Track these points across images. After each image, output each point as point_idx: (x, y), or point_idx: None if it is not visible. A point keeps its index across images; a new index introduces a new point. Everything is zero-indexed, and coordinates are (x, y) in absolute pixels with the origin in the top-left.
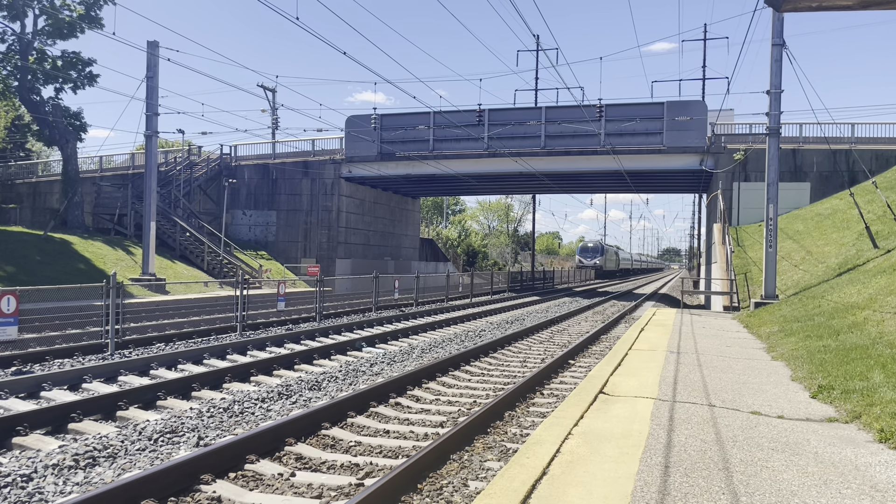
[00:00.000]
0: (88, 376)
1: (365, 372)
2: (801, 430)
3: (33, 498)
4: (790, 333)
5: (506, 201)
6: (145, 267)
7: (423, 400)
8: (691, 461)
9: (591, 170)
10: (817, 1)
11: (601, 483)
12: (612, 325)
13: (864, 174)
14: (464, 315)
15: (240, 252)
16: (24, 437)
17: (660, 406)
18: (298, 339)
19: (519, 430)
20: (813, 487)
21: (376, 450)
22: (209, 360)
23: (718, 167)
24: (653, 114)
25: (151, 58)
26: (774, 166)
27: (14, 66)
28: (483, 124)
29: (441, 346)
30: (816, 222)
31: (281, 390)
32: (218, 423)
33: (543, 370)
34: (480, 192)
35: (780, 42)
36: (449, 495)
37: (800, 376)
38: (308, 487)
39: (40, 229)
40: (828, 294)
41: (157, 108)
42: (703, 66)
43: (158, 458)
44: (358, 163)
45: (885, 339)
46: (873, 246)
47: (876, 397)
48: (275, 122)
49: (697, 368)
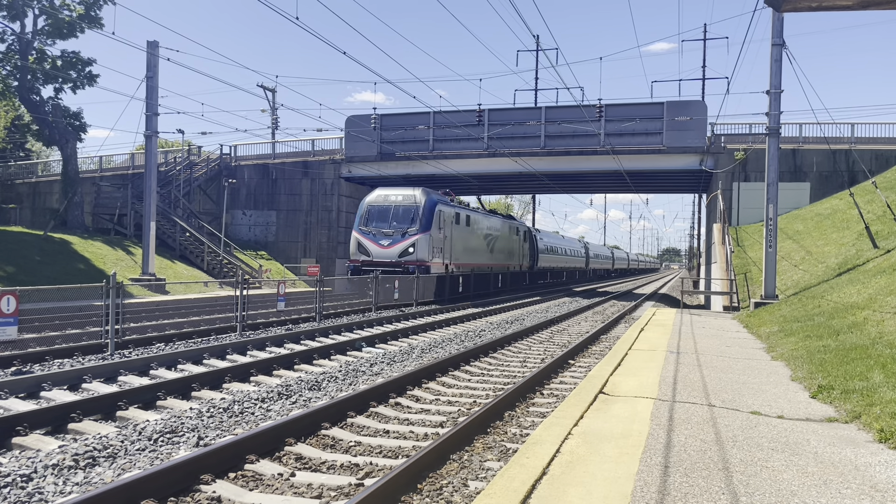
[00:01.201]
0: (88, 376)
1: (365, 372)
2: (801, 430)
3: (33, 498)
4: (790, 333)
5: (506, 201)
6: (145, 267)
7: (423, 400)
8: (691, 461)
9: (590, 170)
10: (817, 1)
11: (601, 483)
12: (611, 325)
13: (863, 174)
14: (463, 315)
15: (240, 252)
16: (24, 437)
17: (660, 406)
18: (298, 340)
19: (519, 430)
20: (813, 487)
21: (376, 450)
22: (209, 360)
23: (718, 167)
24: (653, 114)
25: (151, 58)
26: (774, 166)
27: (14, 66)
28: (483, 124)
29: (441, 346)
30: (816, 222)
31: (281, 390)
32: (218, 423)
33: (543, 370)
34: (480, 192)
35: (779, 42)
36: (449, 495)
37: (800, 376)
38: (308, 487)
39: (40, 229)
40: (828, 294)
41: (156, 108)
42: (702, 66)
43: (158, 458)
44: (358, 163)
45: (884, 339)
46: (873, 246)
47: (876, 397)
48: (275, 122)
49: (697, 368)
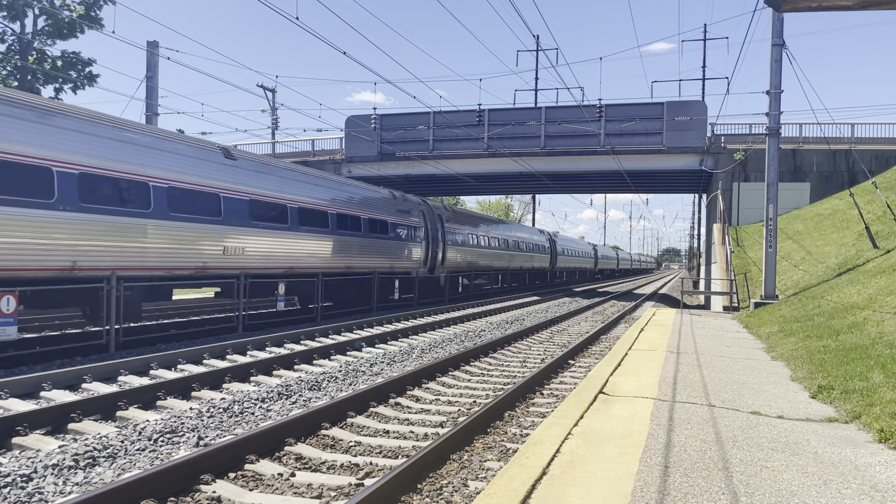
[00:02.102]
0: (88, 376)
1: (365, 372)
2: (801, 430)
3: (33, 498)
4: (790, 333)
5: (506, 201)
6: None
7: (423, 400)
8: (691, 461)
9: (591, 170)
10: (817, 1)
11: (601, 483)
12: (611, 326)
13: (863, 174)
14: (463, 315)
15: None
16: (24, 437)
17: (660, 406)
18: (298, 340)
19: (519, 430)
20: (813, 487)
21: (376, 450)
22: (209, 361)
23: (718, 167)
24: (653, 114)
25: (151, 57)
26: (774, 166)
27: (14, 66)
28: (483, 124)
29: (441, 346)
30: (816, 222)
31: (281, 390)
32: (218, 423)
33: (543, 370)
34: (480, 193)
35: (779, 42)
36: (449, 495)
37: (800, 376)
38: (308, 487)
39: None
40: (828, 294)
41: (157, 108)
42: (702, 66)
43: (158, 458)
44: (358, 163)
45: (884, 339)
46: (873, 246)
47: (876, 397)
48: (275, 122)
49: (697, 368)
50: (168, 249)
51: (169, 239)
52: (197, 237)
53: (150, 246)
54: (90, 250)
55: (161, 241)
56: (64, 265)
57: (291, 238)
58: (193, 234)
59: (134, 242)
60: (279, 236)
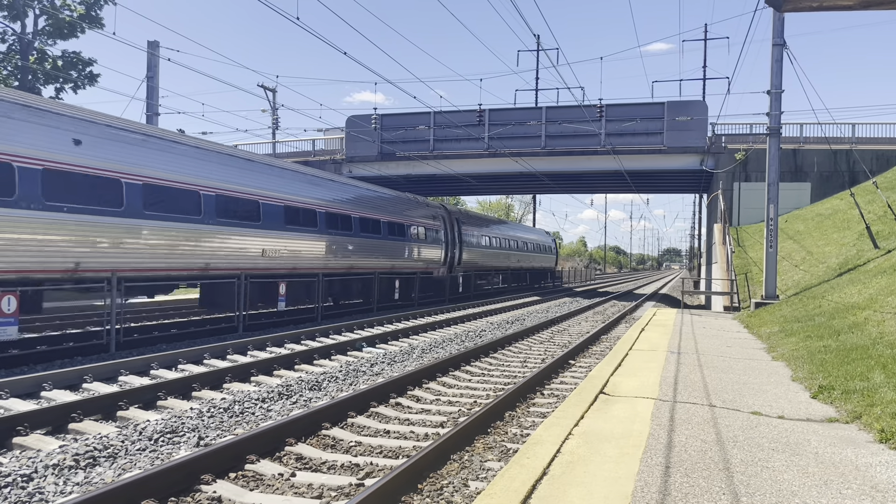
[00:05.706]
0: (89, 376)
1: (365, 372)
2: (802, 430)
3: (33, 498)
4: (790, 334)
5: (506, 201)
6: None
7: (424, 400)
8: (692, 461)
9: (591, 170)
10: (818, 1)
11: (601, 483)
12: (612, 326)
13: (864, 174)
14: (464, 315)
15: None
16: (25, 436)
17: (660, 406)
18: (299, 340)
19: (519, 431)
20: (813, 488)
21: (377, 450)
22: (209, 361)
23: (719, 167)
24: (653, 114)
25: (152, 58)
26: (775, 166)
27: (14, 66)
28: (483, 124)
29: (441, 346)
30: (817, 222)
31: (281, 390)
32: (218, 423)
33: (544, 370)
34: (481, 193)
35: (780, 42)
36: (449, 495)
37: (800, 376)
38: (308, 487)
39: None
40: (828, 294)
41: (157, 109)
42: (703, 66)
43: (159, 458)
44: (358, 163)
45: (885, 339)
46: (874, 246)
47: (876, 397)
48: (275, 122)
49: (698, 368)
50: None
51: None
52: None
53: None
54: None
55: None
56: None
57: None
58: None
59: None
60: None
